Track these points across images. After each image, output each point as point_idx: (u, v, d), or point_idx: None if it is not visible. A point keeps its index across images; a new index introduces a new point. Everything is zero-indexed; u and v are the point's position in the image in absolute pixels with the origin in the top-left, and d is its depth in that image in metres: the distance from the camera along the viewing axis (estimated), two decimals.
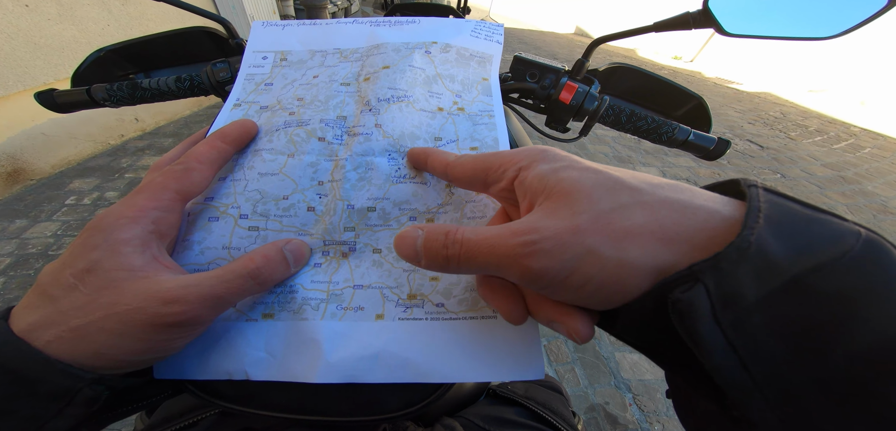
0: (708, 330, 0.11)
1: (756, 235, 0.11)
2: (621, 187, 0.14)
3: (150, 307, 0.16)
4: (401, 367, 0.21)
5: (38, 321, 0.16)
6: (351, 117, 0.27)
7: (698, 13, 0.31)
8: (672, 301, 0.12)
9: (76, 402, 0.16)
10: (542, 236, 0.14)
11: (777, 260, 0.11)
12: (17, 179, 1.86)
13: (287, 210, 0.24)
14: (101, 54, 0.43)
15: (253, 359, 0.21)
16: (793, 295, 0.10)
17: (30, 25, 1.82)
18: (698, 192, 0.13)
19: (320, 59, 0.31)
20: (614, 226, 0.13)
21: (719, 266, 0.11)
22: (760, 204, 0.12)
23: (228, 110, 0.28)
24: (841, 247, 0.10)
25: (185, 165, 0.21)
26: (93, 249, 0.17)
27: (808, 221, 0.11)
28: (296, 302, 0.22)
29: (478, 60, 0.31)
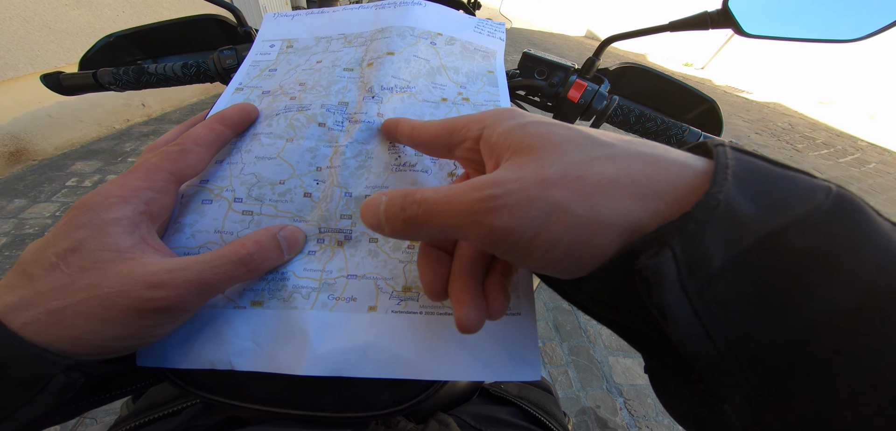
0: (675, 299, 0.10)
1: (725, 192, 0.10)
2: (592, 142, 0.13)
3: (133, 291, 0.15)
4: (390, 363, 0.20)
5: (15, 302, 0.15)
6: (353, 103, 0.26)
7: (717, 13, 0.30)
8: (639, 268, 0.11)
9: (49, 390, 0.15)
10: (505, 190, 0.12)
11: (746, 219, 0.10)
12: (19, 159, 1.87)
13: (283, 195, 0.23)
14: (110, 40, 0.43)
15: (239, 348, 0.20)
16: (761, 256, 0.10)
17: (46, 9, 1.83)
18: (671, 149, 0.13)
19: (325, 45, 0.30)
20: (584, 179, 0.12)
21: (687, 228, 0.10)
22: (728, 161, 0.11)
23: (230, 94, 0.27)
24: (810, 203, 0.10)
25: (181, 146, 0.20)
26: (78, 228, 0.16)
27: (778, 178, 0.11)
28: (286, 289, 0.21)
29: (482, 54, 0.31)
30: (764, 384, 0.10)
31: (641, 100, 0.46)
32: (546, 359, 1.24)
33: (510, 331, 0.20)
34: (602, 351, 1.29)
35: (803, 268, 0.09)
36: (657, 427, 1.07)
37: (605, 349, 1.29)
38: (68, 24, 1.94)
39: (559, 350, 1.27)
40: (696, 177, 0.12)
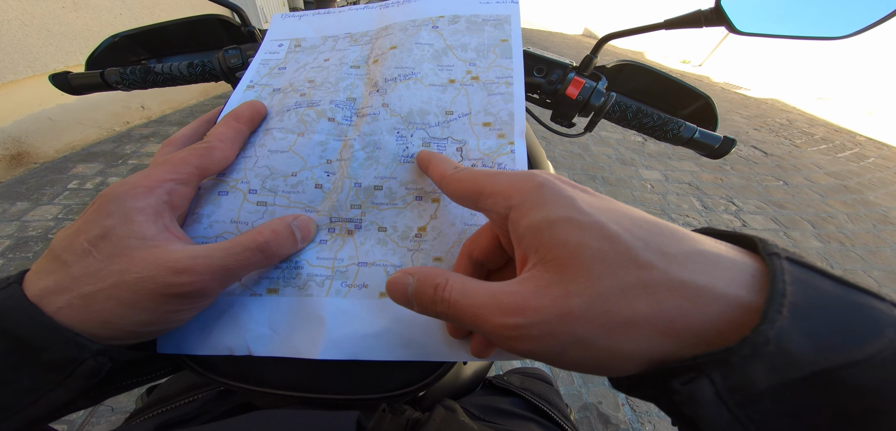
0: (711, 412, 0.10)
1: (776, 329, 0.10)
2: (628, 263, 0.12)
3: (159, 276, 0.16)
4: (403, 346, 0.21)
5: (51, 286, 0.16)
6: (360, 99, 0.27)
7: (710, 11, 0.31)
8: (671, 390, 0.11)
9: (78, 374, 0.15)
10: (528, 321, 0.12)
11: (799, 357, 0.10)
12: (20, 162, 1.87)
13: (295, 186, 0.24)
14: (115, 40, 0.43)
15: (256, 335, 0.21)
16: (815, 388, 0.10)
17: (44, 12, 1.84)
18: (719, 268, 0.11)
19: (332, 44, 0.31)
20: (611, 316, 0.12)
21: (729, 361, 0.10)
22: (786, 287, 0.10)
23: (241, 91, 0.28)
24: (878, 343, 0.09)
25: (208, 144, 0.21)
26: (107, 216, 0.17)
27: (841, 309, 0.10)
28: (301, 277, 0.22)
29: (493, 23, 0.29)
30: None
31: (638, 96, 0.47)
32: None
33: None
34: None
35: (867, 401, 0.09)
36: (660, 423, 1.07)
37: None
38: (66, 27, 1.94)
39: None
40: (745, 314, 0.11)
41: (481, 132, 0.25)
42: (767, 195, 2.29)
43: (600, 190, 2.14)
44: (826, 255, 1.79)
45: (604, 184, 2.24)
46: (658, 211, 2.03)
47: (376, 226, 0.23)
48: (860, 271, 1.70)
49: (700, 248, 0.12)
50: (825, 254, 1.80)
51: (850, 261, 1.76)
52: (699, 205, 2.12)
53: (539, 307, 0.12)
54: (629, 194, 2.16)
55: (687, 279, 0.11)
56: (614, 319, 0.12)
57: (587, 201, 0.14)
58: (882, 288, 0.58)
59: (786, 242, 1.86)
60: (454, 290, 0.15)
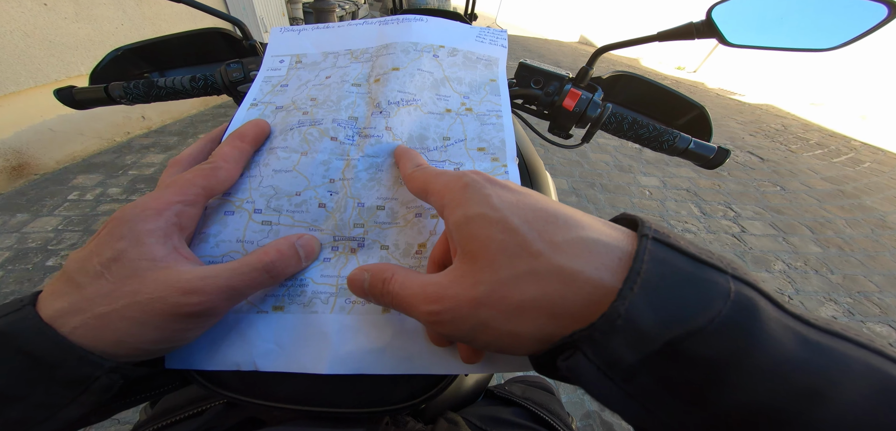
0: (603, 388, 0.12)
1: (627, 306, 0.11)
2: (522, 252, 0.14)
3: (170, 296, 0.16)
4: (407, 359, 0.21)
5: (66, 307, 0.16)
6: (362, 119, 0.27)
7: (701, 24, 0.32)
8: (559, 367, 0.13)
9: (91, 390, 0.16)
10: (444, 307, 0.15)
11: (646, 329, 0.11)
12: (21, 174, 1.87)
13: (299, 206, 0.24)
14: (118, 53, 0.44)
15: (262, 351, 0.21)
16: (667, 359, 0.11)
17: (47, 24, 1.86)
18: (594, 253, 0.13)
19: (332, 61, 0.32)
20: (508, 301, 0.13)
21: (594, 337, 0.12)
22: (642, 265, 0.12)
23: (245, 109, 0.29)
24: (709, 314, 0.11)
25: (213, 164, 0.22)
26: (119, 239, 0.17)
27: (685, 283, 0.12)
28: (306, 295, 0.22)
29: (484, 63, 0.32)
30: None
31: (634, 107, 0.48)
32: None
33: None
34: None
35: (706, 371, 0.11)
36: None
37: None
38: (68, 38, 1.96)
39: None
40: (606, 295, 0.12)
41: (477, 156, 0.27)
42: (765, 201, 2.30)
43: (599, 197, 2.15)
44: (826, 261, 1.79)
45: (603, 191, 2.25)
46: (657, 217, 2.04)
47: (379, 245, 0.24)
48: (861, 276, 1.70)
49: (582, 235, 0.14)
50: (825, 260, 1.80)
51: (849, 267, 1.76)
52: (697, 211, 2.13)
53: (452, 295, 0.15)
54: (628, 201, 2.17)
55: (565, 265, 0.13)
56: (510, 304, 0.13)
57: (500, 197, 0.15)
58: (882, 293, 0.58)
59: (784, 248, 1.86)
60: (396, 283, 0.17)
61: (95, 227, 1.64)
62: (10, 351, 0.15)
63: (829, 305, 1.53)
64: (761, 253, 1.81)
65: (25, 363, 0.15)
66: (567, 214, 0.14)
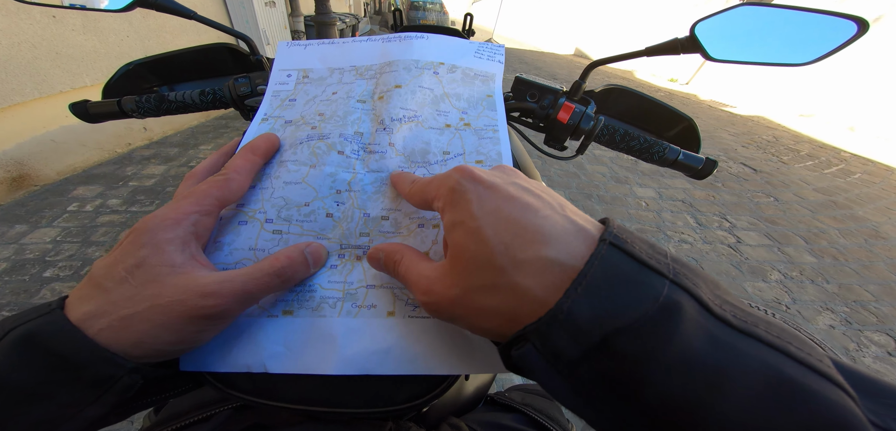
0: (551, 380, 0.14)
1: (570, 303, 0.13)
2: (488, 266, 0.15)
3: (188, 299, 0.18)
4: (411, 360, 0.22)
5: (93, 311, 0.17)
6: (367, 135, 0.29)
7: (686, 39, 0.34)
8: (513, 357, 0.15)
9: (114, 390, 0.17)
10: (431, 299, 0.18)
11: (584, 325, 0.13)
12: (21, 185, 1.88)
13: (308, 216, 0.25)
14: (129, 68, 0.45)
15: (271, 353, 0.22)
16: (603, 353, 0.13)
17: (54, 35, 1.89)
18: (548, 274, 0.14)
19: (338, 77, 0.33)
20: (474, 305, 0.16)
21: (540, 329, 0.14)
22: (591, 269, 0.13)
23: (257, 124, 0.30)
24: (637, 312, 0.12)
25: (226, 175, 0.23)
26: (141, 247, 0.18)
27: (625, 285, 0.13)
28: (314, 300, 0.23)
29: (482, 79, 0.33)
30: None
31: (626, 119, 0.50)
32: None
33: None
34: None
35: (632, 367, 0.12)
36: None
37: None
38: (75, 50, 1.99)
39: None
40: (554, 301, 0.14)
41: None
42: (759, 211, 2.33)
43: (596, 208, 2.17)
44: (821, 271, 1.81)
45: (599, 202, 2.27)
46: (653, 228, 2.05)
47: None
48: (856, 286, 1.72)
49: (543, 255, 0.15)
50: (820, 270, 1.81)
51: (845, 276, 1.78)
52: (693, 222, 2.15)
53: (437, 291, 0.18)
54: (624, 211, 2.19)
55: (520, 283, 0.15)
56: (475, 307, 0.16)
57: (481, 202, 0.17)
58: (878, 302, 0.60)
59: (780, 258, 1.88)
60: (402, 267, 0.20)
61: (94, 239, 1.63)
62: (40, 351, 0.16)
63: (826, 314, 1.53)
64: (758, 264, 1.82)
65: (54, 363, 0.16)
66: (538, 226, 0.15)
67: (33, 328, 0.16)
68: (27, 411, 0.15)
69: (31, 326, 0.16)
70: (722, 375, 0.11)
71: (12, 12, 1.69)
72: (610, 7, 8.78)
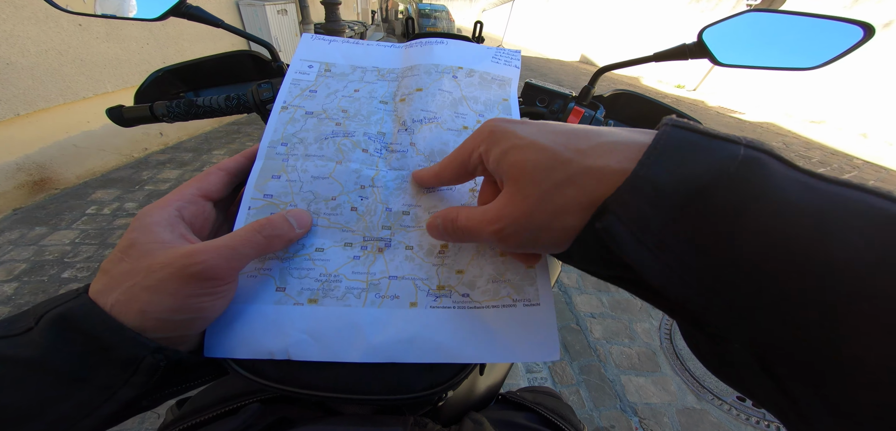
0: (636, 251, 0.13)
1: (646, 170, 0.14)
2: (556, 164, 0.16)
3: (176, 262, 0.19)
4: (433, 349, 0.23)
5: (101, 288, 0.19)
6: (390, 134, 0.31)
7: (694, 45, 0.35)
8: (596, 230, 0.15)
9: (141, 370, 0.18)
10: (505, 223, 0.18)
11: (666, 187, 0.13)
12: (42, 188, 1.94)
13: (334, 209, 0.27)
14: (159, 75, 0.48)
15: (295, 340, 0.23)
16: (690, 213, 0.13)
17: (79, 43, 1.96)
18: (618, 147, 0.16)
19: (360, 75, 0.34)
20: (553, 205, 0.17)
21: (621, 198, 0.14)
22: (660, 140, 0.14)
23: (277, 113, 0.31)
24: (718, 169, 0.13)
25: (206, 171, 0.26)
26: (132, 231, 0.21)
27: (699, 149, 0.13)
28: (340, 290, 0.25)
29: (499, 83, 0.34)
30: (751, 319, 0.11)
31: (634, 123, 0.50)
32: (556, 379, 1.22)
33: (531, 319, 0.24)
34: (613, 369, 1.27)
35: (722, 222, 0.12)
36: None
37: (617, 368, 1.27)
38: (98, 57, 2.06)
39: (569, 369, 1.26)
40: (630, 169, 0.15)
41: None
42: None
43: None
44: None
45: None
46: None
47: (404, 245, 0.26)
48: None
49: (603, 140, 0.16)
50: None
51: None
52: None
53: (508, 213, 0.18)
54: None
55: (592, 165, 0.16)
56: (555, 206, 0.16)
57: (524, 129, 0.19)
58: None
59: None
60: (461, 218, 0.21)
61: (111, 241, 1.69)
62: (75, 332, 0.17)
63: None
64: None
65: (88, 345, 0.17)
66: (585, 128, 0.17)
67: (65, 311, 0.18)
68: (70, 394, 0.17)
69: (64, 309, 0.18)
70: (828, 218, 0.11)
71: (41, 20, 1.76)
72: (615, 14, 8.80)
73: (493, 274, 0.25)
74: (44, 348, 0.17)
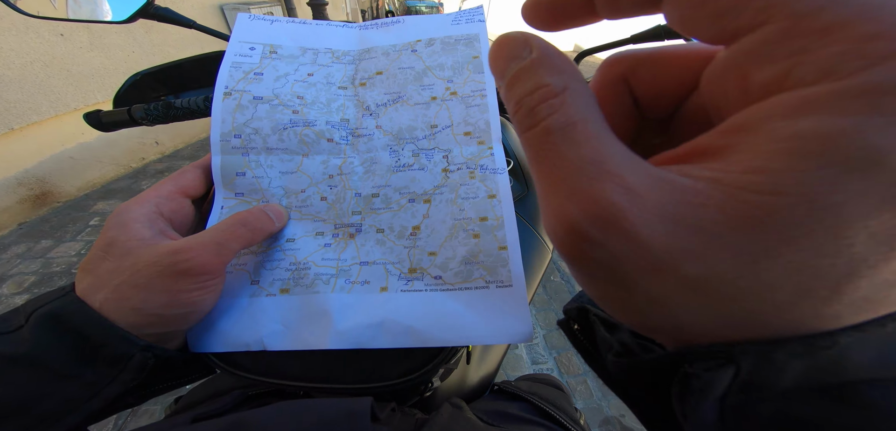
0: (706, 407, 0.08)
1: (849, 339, 0.08)
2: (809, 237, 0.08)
3: (162, 260, 0.19)
4: (403, 334, 0.23)
5: (87, 287, 0.19)
6: (353, 120, 0.30)
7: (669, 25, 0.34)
8: (683, 374, 0.09)
9: (129, 368, 0.18)
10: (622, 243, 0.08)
11: (848, 366, 0.08)
12: (44, 202, 1.96)
13: (304, 201, 0.27)
14: (137, 78, 0.47)
15: (269, 331, 0.23)
16: (833, 396, 0.08)
17: (64, 54, 1.94)
18: None
19: (312, 57, 0.31)
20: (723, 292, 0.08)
21: (773, 354, 0.08)
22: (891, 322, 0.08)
23: (220, 100, 0.28)
24: None
25: (182, 169, 0.26)
26: (108, 231, 0.21)
27: None
28: (309, 277, 0.25)
29: (464, 42, 0.31)
30: None
31: None
32: (563, 369, 1.22)
33: (504, 301, 0.23)
34: None
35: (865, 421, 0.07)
36: None
37: None
38: (84, 67, 2.05)
39: (575, 360, 1.26)
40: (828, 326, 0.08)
41: (463, 140, 0.28)
42: None
43: None
44: None
45: None
46: None
47: (375, 229, 0.26)
48: None
49: None
50: None
51: None
52: None
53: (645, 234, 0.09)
54: None
55: None
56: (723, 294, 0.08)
57: None
58: None
59: None
60: (564, 111, 0.09)
61: None
62: (65, 329, 0.18)
63: None
64: None
65: (78, 342, 0.18)
66: None
67: (55, 308, 0.18)
68: (61, 388, 0.17)
69: (53, 306, 0.18)
70: None
71: (21, 31, 1.73)
72: None
73: (465, 256, 0.25)
74: (33, 344, 0.17)
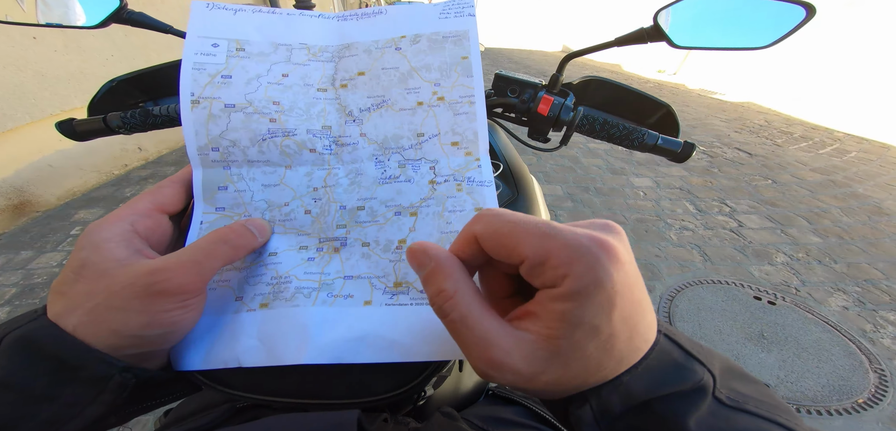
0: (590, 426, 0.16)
1: (629, 378, 0.16)
2: (596, 370, 0.16)
3: (140, 280, 0.18)
4: (387, 348, 0.22)
5: (61, 310, 0.18)
6: (336, 127, 0.28)
7: (650, 28, 0.35)
8: (571, 414, 0.17)
9: (109, 389, 0.18)
10: (501, 376, 0.16)
11: (636, 392, 0.16)
12: (23, 211, 1.89)
13: (288, 215, 0.26)
14: (113, 84, 0.45)
15: (246, 347, 0.22)
16: (641, 411, 0.16)
17: (37, 57, 1.86)
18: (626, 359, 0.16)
19: (285, 54, 0.28)
20: (564, 386, 0.16)
21: (600, 393, 0.16)
22: (649, 356, 0.16)
23: (188, 110, 0.25)
24: (677, 387, 0.16)
25: (159, 184, 0.25)
26: (80, 250, 0.20)
27: (672, 367, 0.16)
28: (289, 290, 0.24)
29: (453, 40, 0.29)
30: None
31: (606, 108, 0.51)
32: None
33: None
34: None
35: (660, 425, 0.15)
36: None
37: None
38: (60, 70, 1.96)
39: None
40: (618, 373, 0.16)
41: (450, 151, 0.28)
42: (758, 194, 2.33)
43: (594, 200, 2.18)
44: (827, 251, 1.79)
45: (597, 194, 2.28)
46: (653, 217, 2.05)
47: (360, 242, 0.26)
48: (865, 264, 1.70)
49: (638, 346, 0.17)
50: (826, 250, 1.80)
51: (852, 255, 1.76)
52: (693, 208, 2.15)
53: (515, 370, 0.16)
54: (623, 202, 2.19)
55: (612, 373, 0.16)
56: (565, 388, 0.17)
57: (621, 300, 0.15)
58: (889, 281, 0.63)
59: (784, 240, 1.87)
60: (456, 310, 0.16)
61: None
62: (39, 354, 0.17)
63: (838, 295, 1.51)
64: (761, 247, 1.82)
65: (55, 365, 0.17)
66: (642, 333, 0.16)
67: (27, 332, 0.17)
68: (37, 411, 0.17)
69: (25, 330, 0.17)
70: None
71: None
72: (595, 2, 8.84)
73: None
74: (7, 369, 0.17)
